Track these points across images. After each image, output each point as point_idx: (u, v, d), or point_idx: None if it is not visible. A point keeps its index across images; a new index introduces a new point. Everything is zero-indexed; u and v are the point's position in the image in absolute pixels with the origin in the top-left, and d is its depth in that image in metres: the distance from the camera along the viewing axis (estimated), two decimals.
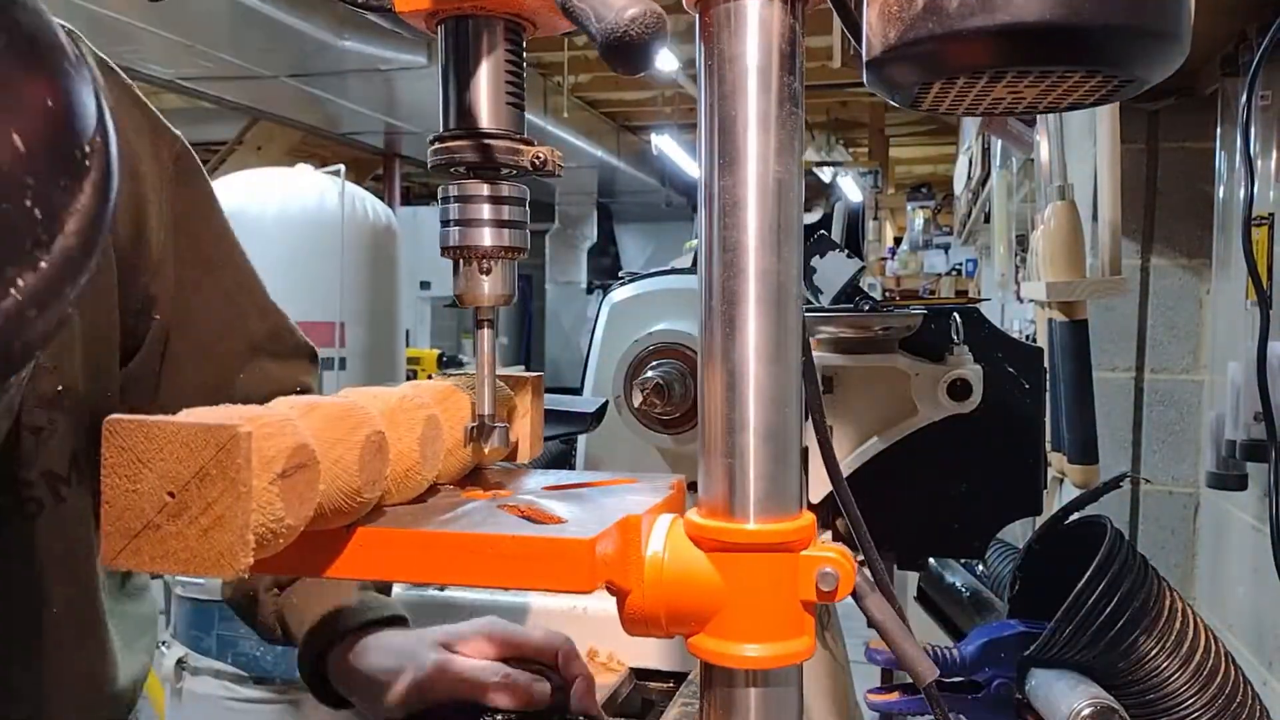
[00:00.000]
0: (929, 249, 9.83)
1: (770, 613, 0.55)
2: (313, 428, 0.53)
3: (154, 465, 0.46)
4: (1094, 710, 0.83)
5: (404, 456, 0.60)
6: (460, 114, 0.66)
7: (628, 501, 0.62)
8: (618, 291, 1.25)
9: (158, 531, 0.47)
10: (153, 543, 0.47)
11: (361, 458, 0.55)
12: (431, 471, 0.64)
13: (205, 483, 0.46)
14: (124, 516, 0.47)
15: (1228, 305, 1.88)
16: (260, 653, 2.37)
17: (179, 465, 0.46)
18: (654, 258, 12.49)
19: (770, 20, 0.54)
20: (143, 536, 0.47)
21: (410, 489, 0.62)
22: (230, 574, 0.46)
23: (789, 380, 0.56)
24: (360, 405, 0.58)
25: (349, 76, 6.34)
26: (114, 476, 0.47)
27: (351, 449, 0.54)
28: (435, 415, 0.65)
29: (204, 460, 0.46)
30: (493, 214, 0.67)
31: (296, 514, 0.49)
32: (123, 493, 0.47)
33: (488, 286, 0.68)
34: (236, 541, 0.46)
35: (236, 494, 0.46)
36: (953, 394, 1.00)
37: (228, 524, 0.46)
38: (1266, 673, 1.93)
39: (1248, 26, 1.74)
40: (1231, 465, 1.80)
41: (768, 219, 0.54)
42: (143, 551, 0.47)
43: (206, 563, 0.46)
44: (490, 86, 0.66)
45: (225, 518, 0.46)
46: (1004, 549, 1.28)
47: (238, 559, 0.46)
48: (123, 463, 0.47)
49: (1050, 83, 0.50)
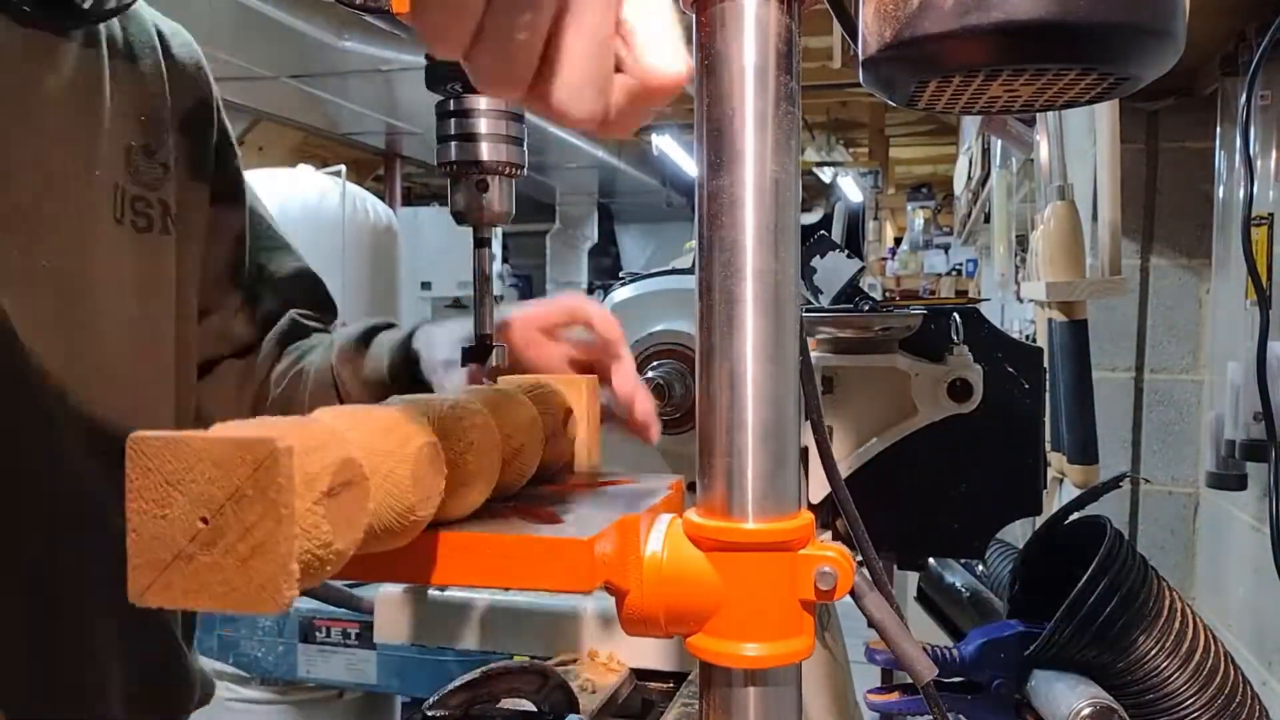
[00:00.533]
0: (929, 249, 9.83)
1: (769, 612, 0.55)
2: (360, 439, 0.48)
3: (184, 487, 0.41)
4: (1094, 710, 0.83)
5: (456, 469, 0.55)
6: None
7: (626, 501, 0.62)
8: (618, 292, 1.24)
9: (190, 563, 0.41)
10: (185, 575, 0.41)
11: (415, 472, 0.50)
12: (487, 485, 0.59)
13: (242, 505, 0.41)
14: (152, 546, 0.42)
15: (1227, 305, 1.88)
16: (261, 653, 2.37)
17: (212, 487, 0.41)
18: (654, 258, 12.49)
19: (766, 20, 0.54)
20: (174, 569, 0.42)
21: (465, 505, 0.57)
22: (272, 608, 0.41)
23: (787, 380, 0.56)
24: (411, 414, 0.54)
25: (350, 77, 6.34)
26: (140, 501, 0.42)
27: (403, 462, 0.50)
28: (489, 422, 0.60)
29: (239, 480, 0.41)
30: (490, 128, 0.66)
31: (345, 538, 0.45)
32: (150, 519, 0.42)
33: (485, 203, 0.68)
34: (279, 571, 0.41)
35: (278, 517, 0.40)
36: (953, 394, 1.00)
37: (268, 551, 0.41)
38: (1266, 672, 1.93)
39: (1247, 26, 1.74)
40: (1231, 465, 1.80)
41: (765, 219, 0.54)
42: (174, 585, 0.42)
43: (246, 597, 0.41)
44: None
45: (266, 544, 0.41)
46: (1004, 549, 1.28)
47: (280, 591, 0.41)
48: (149, 485, 0.42)
49: (1046, 81, 0.50)
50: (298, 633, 2.34)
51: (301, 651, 2.34)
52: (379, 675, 2.31)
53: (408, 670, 2.28)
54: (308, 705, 2.42)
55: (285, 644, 2.35)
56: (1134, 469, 2.50)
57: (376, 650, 2.28)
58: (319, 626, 2.32)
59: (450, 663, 2.12)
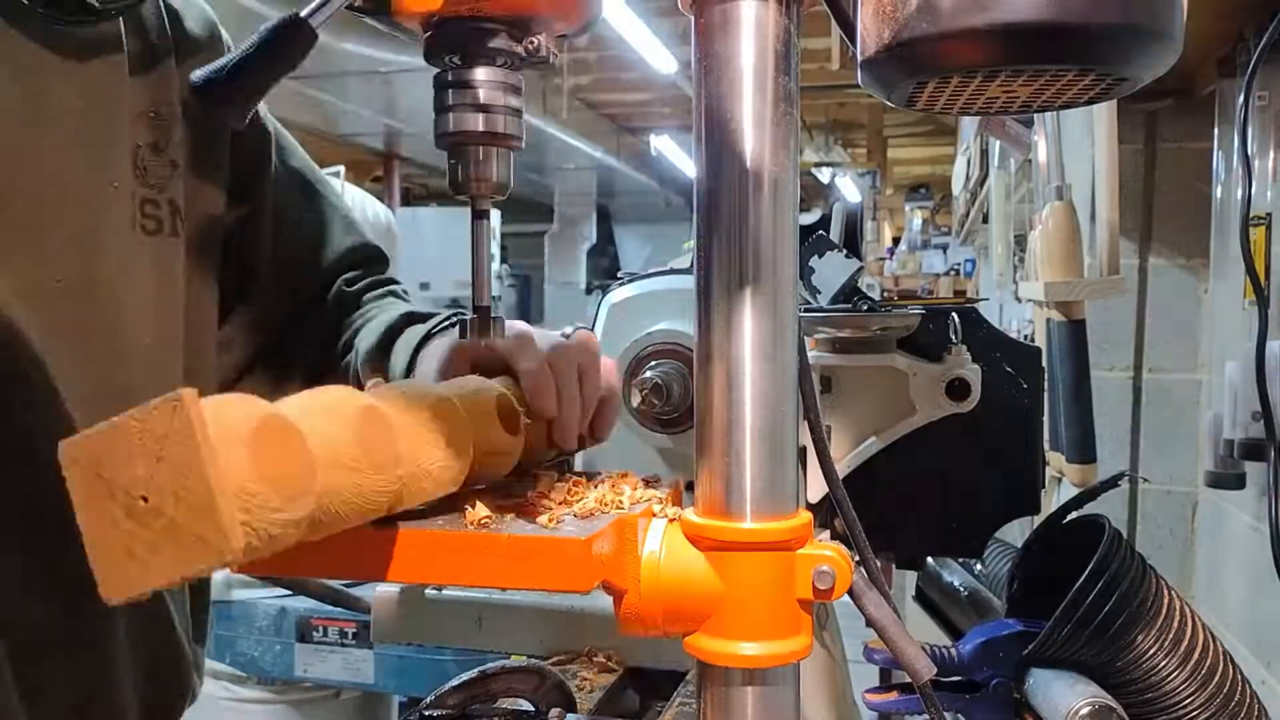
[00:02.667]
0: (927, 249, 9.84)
1: (767, 611, 0.55)
2: (297, 403, 0.48)
3: (117, 474, 0.42)
4: (1092, 709, 0.83)
5: (421, 449, 0.55)
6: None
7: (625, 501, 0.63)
8: (616, 292, 1.24)
9: (144, 544, 0.42)
10: (144, 560, 0.42)
11: (360, 433, 0.49)
12: (458, 467, 0.58)
13: (169, 466, 0.41)
14: (109, 544, 0.42)
15: (1226, 305, 1.88)
16: (258, 652, 2.37)
17: (139, 461, 0.42)
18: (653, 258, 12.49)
19: (765, 21, 0.54)
20: (134, 558, 0.42)
21: (425, 488, 0.56)
22: (229, 555, 0.41)
23: (785, 379, 0.56)
24: (349, 392, 0.53)
25: (349, 78, 6.35)
26: (86, 509, 0.42)
27: (344, 422, 0.49)
28: (454, 402, 0.60)
29: (160, 443, 0.41)
30: (489, 99, 0.66)
31: (287, 497, 0.44)
32: (99, 518, 0.42)
33: (482, 173, 0.67)
34: (221, 517, 0.41)
35: (200, 462, 0.41)
36: (951, 394, 1.00)
37: (204, 501, 0.41)
38: (1265, 672, 1.93)
39: (1245, 27, 1.74)
40: (1230, 464, 1.81)
41: (764, 219, 0.54)
42: (136, 574, 0.42)
43: (199, 552, 0.41)
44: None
45: (199, 496, 0.41)
46: (1002, 548, 1.28)
47: (228, 537, 0.41)
48: (89, 485, 0.42)
49: (1044, 81, 0.50)
50: (295, 632, 2.34)
51: (298, 651, 2.34)
52: (376, 675, 2.31)
53: (405, 670, 2.28)
54: (305, 705, 2.42)
55: (282, 643, 2.35)
56: (1132, 468, 2.50)
57: (374, 650, 2.28)
58: (316, 626, 2.32)
59: (448, 662, 2.12)
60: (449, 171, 0.68)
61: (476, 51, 0.65)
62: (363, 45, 5.45)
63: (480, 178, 0.67)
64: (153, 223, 0.90)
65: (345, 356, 1.03)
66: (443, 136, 0.67)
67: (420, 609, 1.09)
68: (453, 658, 2.10)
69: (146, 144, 0.90)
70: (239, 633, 2.39)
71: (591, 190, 12.06)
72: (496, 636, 1.07)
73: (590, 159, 9.58)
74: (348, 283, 1.09)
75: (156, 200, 0.90)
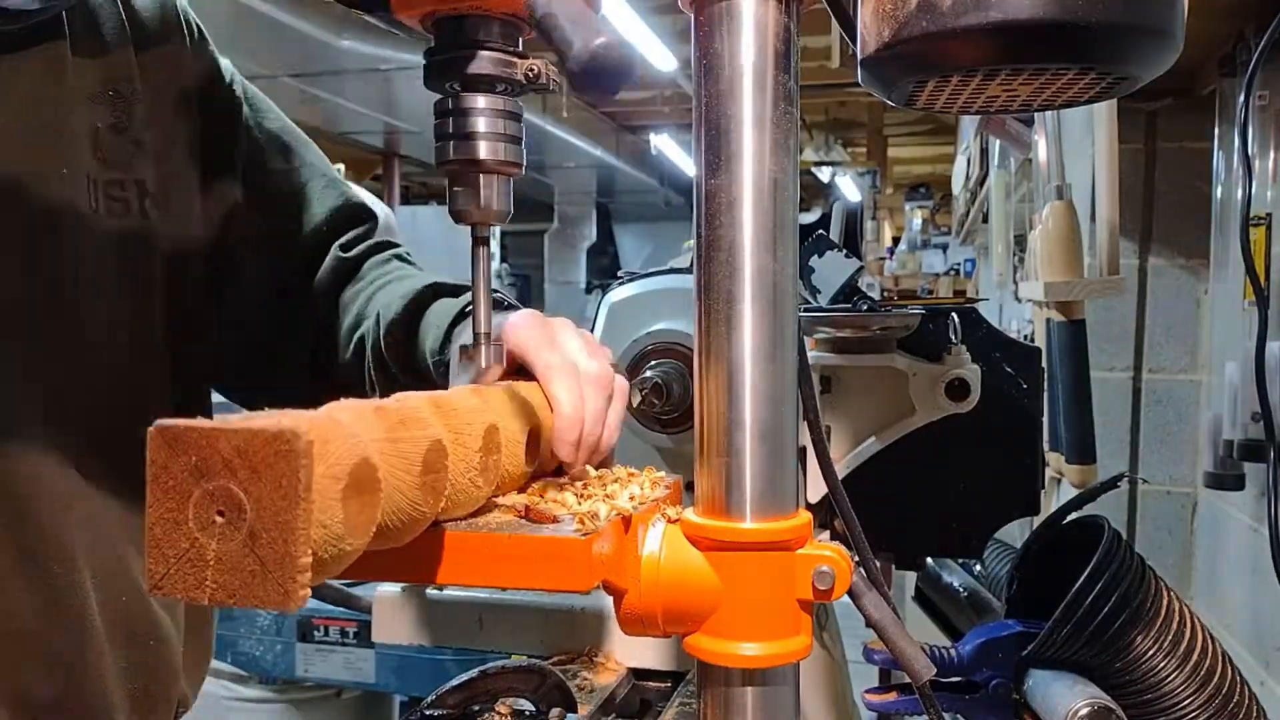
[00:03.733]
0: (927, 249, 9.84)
1: (767, 612, 0.55)
2: (372, 436, 0.47)
3: (204, 478, 0.40)
4: (1091, 710, 0.83)
5: (464, 468, 0.55)
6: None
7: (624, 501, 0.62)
8: (616, 291, 1.24)
9: (205, 555, 0.40)
10: (200, 568, 0.40)
11: (424, 475, 0.50)
12: (490, 486, 0.60)
13: (260, 498, 0.39)
14: (170, 537, 0.41)
15: (1225, 305, 1.88)
16: (259, 652, 2.37)
17: (231, 478, 0.40)
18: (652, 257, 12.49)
19: (765, 20, 0.54)
20: (189, 561, 0.40)
21: (468, 503, 0.57)
22: (288, 605, 0.40)
23: (785, 379, 0.56)
24: (420, 412, 0.53)
25: (348, 76, 6.34)
26: (157, 490, 0.40)
27: (414, 464, 0.49)
28: (495, 425, 0.60)
29: (258, 470, 0.39)
30: (488, 127, 0.66)
31: (357, 535, 0.43)
32: (166, 509, 0.40)
33: (484, 202, 0.67)
34: (293, 567, 0.39)
35: (295, 512, 0.39)
36: (951, 394, 1.00)
37: (283, 547, 0.39)
38: (1264, 673, 1.93)
39: (1245, 27, 1.74)
40: (1229, 465, 1.81)
41: (763, 218, 0.54)
42: (189, 577, 0.41)
43: (260, 591, 0.40)
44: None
45: (281, 539, 0.39)
46: (1002, 549, 1.28)
47: (295, 587, 0.39)
48: (167, 473, 0.40)
49: (1044, 80, 0.50)
50: (296, 632, 2.34)
51: (300, 650, 2.34)
52: (377, 674, 2.31)
53: (406, 669, 2.28)
54: (306, 704, 2.42)
55: (283, 643, 2.35)
56: (1132, 469, 2.50)
57: (375, 649, 2.28)
58: (317, 625, 2.32)
59: (448, 662, 2.13)
60: (449, 199, 0.68)
61: (475, 79, 0.65)
62: (362, 43, 5.45)
63: (479, 206, 0.67)
64: (119, 205, 0.88)
65: (359, 329, 0.99)
66: (442, 164, 0.67)
67: (421, 609, 1.09)
68: (453, 658, 2.10)
69: (106, 125, 0.88)
70: (240, 632, 2.39)
71: (591, 189, 12.06)
72: (496, 636, 1.07)
73: (590, 157, 9.58)
74: (344, 248, 1.05)
75: (121, 181, 0.88)
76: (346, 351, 1.01)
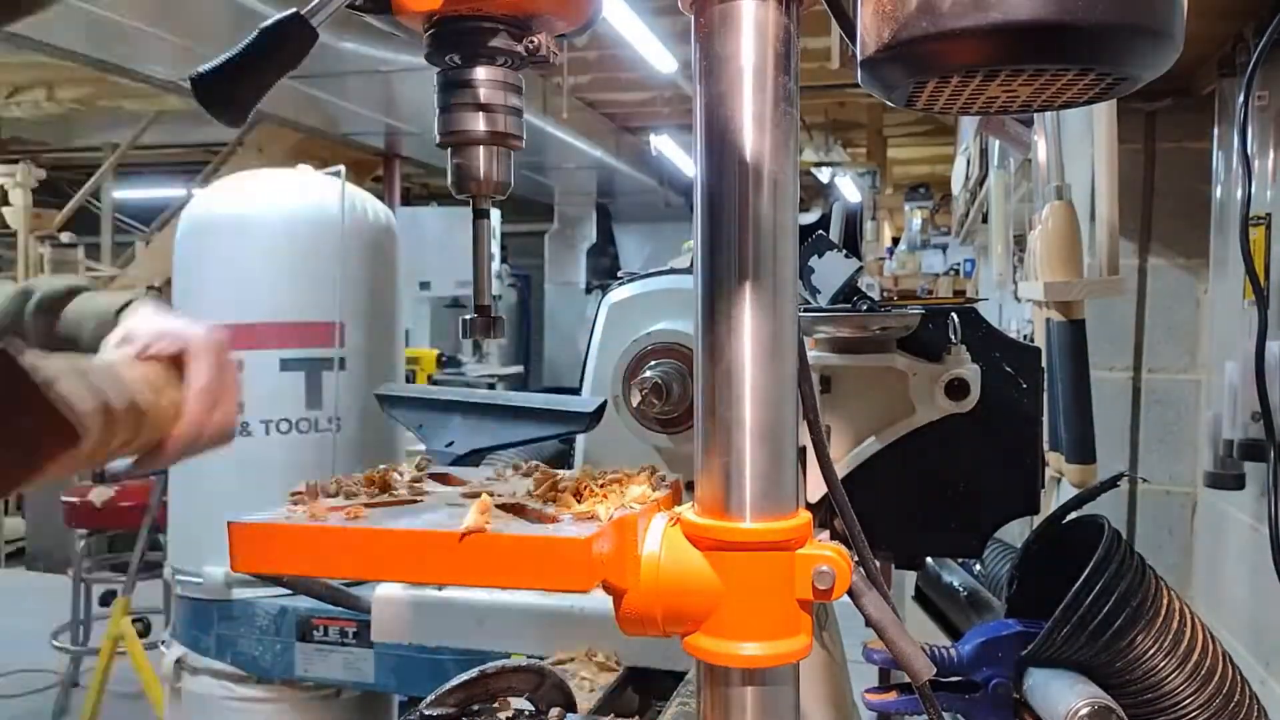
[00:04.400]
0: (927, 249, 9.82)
1: (767, 611, 0.55)
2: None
3: None
4: (1091, 710, 0.83)
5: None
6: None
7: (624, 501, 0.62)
8: (616, 292, 1.24)
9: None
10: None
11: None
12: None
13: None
14: None
15: (1225, 305, 1.88)
16: (258, 652, 2.37)
17: None
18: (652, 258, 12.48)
19: (765, 21, 0.54)
20: None
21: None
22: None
23: (785, 379, 0.56)
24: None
25: (349, 78, 6.33)
26: None
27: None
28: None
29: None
30: (489, 98, 0.66)
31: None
32: None
33: (483, 174, 0.67)
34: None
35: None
36: (950, 393, 1.00)
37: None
38: (1264, 672, 1.93)
39: (1244, 27, 1.74)
40: (1229, 465, 1.81)
41: (763, 218, 0.54)
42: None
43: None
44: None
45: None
46: (1001, 548, 1.28)
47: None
48: None
49: (1044, 81, 0.50)
50: (295, 631, 2.34)
51: (299, 650, 2.34)
52: (376, 674, 2.31)
53: (405, 669, 2.28)
54: (305, 704, 2.42)
55: (283, 643, 2.35)
56: (1132, 468, 2.50)
57: (374, 649, 2.28)
58: (317, 625, 2.32)
59: (447, 661, 2.12)
60: (449, 171, 0.68)
61: (477, 51, 0.65)
62: (363, 44, 5.44)
63: (480, 177, 0.67)
64: None
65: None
66: (444, 136, 0.67)
67: (420, 609, 1.09)
68: (453, 657, 2.10)
69: None
70: (240, 632, 2.39)
71: (591, 190, 12.04)
72: (496, 636, 1.08)
73: (590, 158, 9.57)
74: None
75: None
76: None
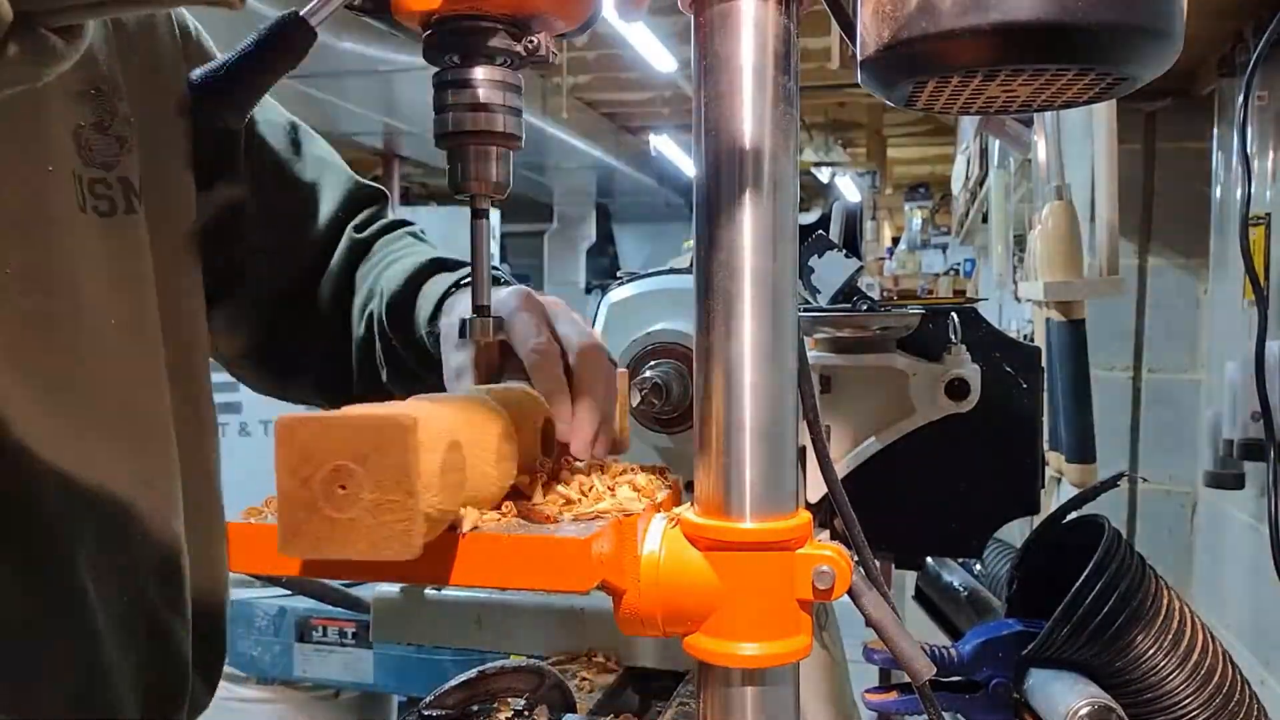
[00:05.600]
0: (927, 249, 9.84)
1: (766, 611, 0.55)
2: (452, 420, 0.56)
3: (325, 459, 0.49)
4: (1091, 710, 0.83)
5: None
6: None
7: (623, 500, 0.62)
8: (616, 291, 1.24)
9: (327, 521, 0.49)
10: (321, 528, 0.49)
11: (499, 449, 0.59)
12: (508, 478, 0.64)
13: (373, 472, 0.49)
14: (294, 510, 0.49)
15: (1225, 305, 1.88)
16: (258, 652, 2.37)
17: (349, 456, 0.49)
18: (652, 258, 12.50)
19: (764, 21, 0.54)
20: (312, 524, 0.49)
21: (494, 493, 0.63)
22: (406, 553, 0.49)
23: (785, 379, 0.56)
24: (486, 404, 0.63)
25: (348, 77, 6.34)
26: (285, 472, 0.49)
27: (490, 438, 0.59)
28: (508, 424, 0.65)
29: (370, 449, 0.48)
30: (488, 98, 0.65)
31: (451, 500, 0.53)
32: (295, 486, 0.49)
33: (482, 174, 0.67)
34: (410, 521, 0.49)
35: (408, 477, 0.48)
36: (950, 393, 1.00)
37: (399, 510, 0.49)
38: (1264, 671, 1.93)
39: (1244, 27, 1.74)
40: (1229, 464, 1.81)
41: (763, 218, 0.54)
42: (314, 537, 0.49)
43: (381, 544, 0.49)
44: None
45: (398, 504, 0.49)
46: (1001, 548, 1.28)
47: (413, 539, 0.49)
48: (294, 459, 0.49)
49: (1044, 81, 0.50)
50: (294, 632, 2.34)
51: (298, 651, 2.34)
52: (376, 675, 2.31)
53: (404, 670, 2.28)
54: (304, 705, 2.42)
55: (282, 643, 2.35)
56: (1132, 468, 2.50)
57: (373, 650, 2.28)
58: (316, 626, 2.32)
59: (447, 662, 2.12)
60: (449, 171, 0.68)
61: (475, 51, 0.65)
62: (362, 44, 5.44)
63: (479, 177, 0.67)
64: (105, 203, 0.87)
65: (368, 305, 1.02)
66: (442, 136, 0.67)
67: (420, 609, 1.09)
68: (452, 658, 2.10)
69: (89, 123, 0.87)
70: (238, 632, 2.38)
71: (591, 190, 12.05)
72: (496, 636, 1.08)
73: (590, 158, 9.58)
74: (358, 228, 1.08)
75: (106, 180, 0.87)
76: (360, 327, 1.03)
